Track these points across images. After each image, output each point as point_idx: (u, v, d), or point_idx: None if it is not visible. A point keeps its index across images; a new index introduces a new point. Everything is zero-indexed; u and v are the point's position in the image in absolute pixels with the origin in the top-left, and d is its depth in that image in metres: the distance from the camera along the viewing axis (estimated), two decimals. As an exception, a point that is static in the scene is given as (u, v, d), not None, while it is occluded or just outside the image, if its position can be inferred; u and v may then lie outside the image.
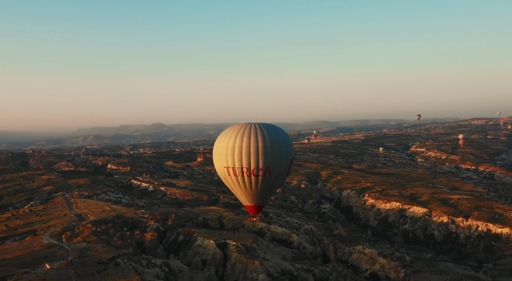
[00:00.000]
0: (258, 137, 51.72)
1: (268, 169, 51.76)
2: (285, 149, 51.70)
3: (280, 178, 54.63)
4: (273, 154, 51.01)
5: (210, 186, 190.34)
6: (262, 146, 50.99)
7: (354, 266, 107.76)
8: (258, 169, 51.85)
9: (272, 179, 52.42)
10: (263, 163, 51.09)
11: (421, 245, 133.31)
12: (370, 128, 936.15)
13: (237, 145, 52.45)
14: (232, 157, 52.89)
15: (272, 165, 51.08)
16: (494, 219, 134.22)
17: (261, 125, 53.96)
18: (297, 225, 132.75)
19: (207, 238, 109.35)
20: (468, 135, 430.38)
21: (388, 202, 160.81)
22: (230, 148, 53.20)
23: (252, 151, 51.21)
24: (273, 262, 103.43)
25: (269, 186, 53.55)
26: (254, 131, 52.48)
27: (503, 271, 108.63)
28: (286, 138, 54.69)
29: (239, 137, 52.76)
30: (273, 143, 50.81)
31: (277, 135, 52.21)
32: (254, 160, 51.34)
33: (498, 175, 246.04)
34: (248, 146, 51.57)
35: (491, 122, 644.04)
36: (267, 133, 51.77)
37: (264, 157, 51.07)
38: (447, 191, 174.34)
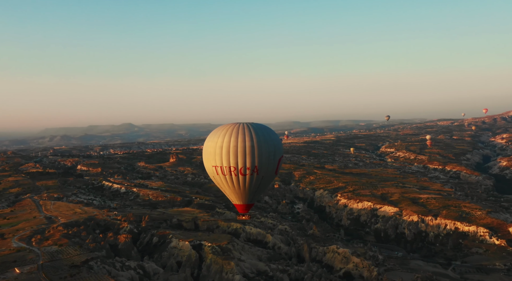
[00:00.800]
0: (245, 136, 52.42)
1: (256, 168, 52.46)
2: (273, 148, 52.40)
3: (268, 177, 55.28)
4: (260, 153, 51.84)
5: (184, 187, 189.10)
6: (250, 146, 51.61)
7: (328, 266, 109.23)
8: (246, 168, 52.35)
9: (259, 178, 53.20)
10: (250, 162, 51.95)
11: (392, 244, 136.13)
12: (340, 128, 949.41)
13: (225, 144, 52.85)
14: (220, 156, 53.38)
15: (260, 164, 51.82)
16: (461, 217, 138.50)
17: (249, 124, 54.76)
18: (271, 225, 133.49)
19: (182, 240, 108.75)
20: (435, 135, 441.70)
21: (360, 202, 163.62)
22: (218, 148, 53.65)
23: (239, 150, 51.96)
24: (248, 262, 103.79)
25: (257, 185, 54.24)
26: (242, 130, 53.42)
27: (471, 268, 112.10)
28: (274, 137, 55.44)
29: (227, 136, 53.32)
30: (260, 143, 51.62)
31: (264, 135, 52.92)
32: (241, 159, 51.97)
33: (464, 174, 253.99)
34: (236, 146, 52.12)
35: (456, 123, 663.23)
36: (255, 132, 52.50)
37: (251, 156, 51.79)
38: (417, 191, 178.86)
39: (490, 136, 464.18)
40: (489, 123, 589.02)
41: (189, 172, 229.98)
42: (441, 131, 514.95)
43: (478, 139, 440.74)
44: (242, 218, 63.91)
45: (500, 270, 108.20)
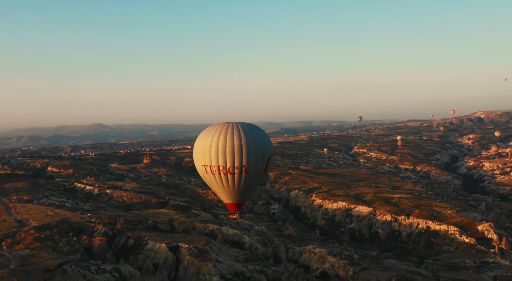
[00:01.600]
0: (234, 136, 53.31)
1: (244, 167, 53.39)
2: (262, 147, 53.11)
3: (257, 177, 55.91)
4: (248, 152, 52.69)
5: (158, 188, 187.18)
6: (238, 145, 52.53)
7: (305, 266, 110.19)
8: (234, 167, 53.28)
9: (248, 177, 53.94)
10: (238, 162, 52.83)
11: (366, 243, 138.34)
12: (313, 129, 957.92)
13: (214, 144, 53.82)
14: (209, 156, 54.33)
15: (248, 163, 52.67)
16: (432, 216, 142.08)
17: (239, 124, 55.50)
18: (248, 226, 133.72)
19: (159, 242, 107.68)
20: (405, 136, 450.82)
21: (334, 202, 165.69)
22: (207, 147, 54.58)
23: (227, 150, 52.88)
24: (226, 264, 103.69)
25: (246, 184, 54.91)
26: (231, 130, 54.26)
27: (442, 266, 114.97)
28: (263, 137, 56.06)
29: (216, 136, 54.28)
30: (248, 142, 52.51)
31: (253, 134, 53.59)
32: (229, 159, 52.89)
33: (433, 174, 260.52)
34: (224, 145, 53.08)
35: (425, 123, 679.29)
36: (244, 132, 53.30)
37: (239, 155, 52.68)
38: (389, 191, 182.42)
39: (458, 137, 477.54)
40: (456, 124, 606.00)
41: (164, 173, 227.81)
42: (411, 132, 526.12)
43: (446, 140, 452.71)
44: (232, 217, 64.80)
45: (470, 267, 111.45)
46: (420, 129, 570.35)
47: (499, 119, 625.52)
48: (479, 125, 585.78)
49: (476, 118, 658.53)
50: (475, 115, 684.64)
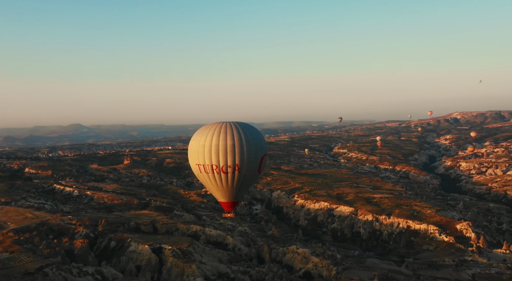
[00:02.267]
0: (227, 135, 53.97)
1: (237, 166, 54.07)
2: (255, 146, 53.81)
3: (251, 176, 56.66)
4: (241, 151, 53.39)
5: (140, 189, 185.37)
6: (231, 144, 53.27)
7: (288, 266, 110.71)
8: (227, 166, 53.97)
9: (241, 176, 54.71)
10: (231, 161, 53.56)
11: (348, 243, 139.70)
12: (293, 129, 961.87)
13: (207, 143, 54.54)
14: (203, 155, 55.00)
15: (240, 162, 53.49)
16: (413, 216, 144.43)
17: (232, 123, 56.44)
18: (231, 227, 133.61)
19: (141, 243, 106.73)
20: (384, 136, 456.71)
21: (316, 202, 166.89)
22: (201, 146, 55.23)
23: (220, 149, 53.59)
24: (209, 265, 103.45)
25: (239, 183, 55.70)
26: (224, 129, 54.90)
27: (422, 265, 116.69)
28: (257, 136, 56.79)
29: (209, 135, 54.98)
30: (240, 141, 53.43)
31: (246, 133, 54.27)
32: (222, 158, 53.62)
33: (412, 174, 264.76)
34: (217, 144, 53.80)
35: (403, 124, 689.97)
36: (236, 131, 54.14)
37: (232, 154, 53.40)
38: (370, 191, 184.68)
39: (435, 137, 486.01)
40: (434, 125, 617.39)
41: (145, 174, 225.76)
42: (389, 132, 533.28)
43: (424, 140, 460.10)
44: (227, 216, 65.38)
45: (450, 265, 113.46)
46: (398, 130, 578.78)
47: (474, 120, 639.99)
48: (456, 125, 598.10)
49: (452, 118, 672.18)
50: (451, 116, 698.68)
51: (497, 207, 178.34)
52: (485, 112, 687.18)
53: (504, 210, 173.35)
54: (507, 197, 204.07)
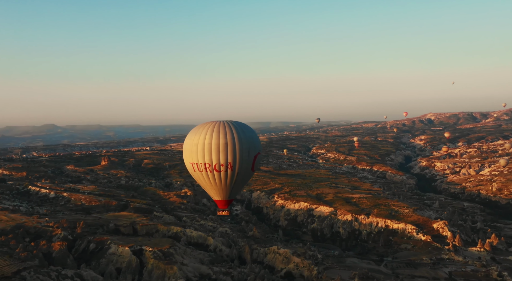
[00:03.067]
0: (220, 134, 54.93)
1: (229, 165, 54.94)
2: (247, 145, 54.82)
3: (244, 174, 57.71)
4: (233, 150, 54.32)
5: (118, 190, 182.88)
6: (224, 143, 54.26)
7: (270, 266, 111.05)
8: (219, 164, 54.88)
9: (234, 174, 55.94)
10: (224, 159, 54.48)
11: (328, 243, 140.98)
12: (271, 130, 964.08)
13: (200, 142, 55.66)
14: (196, 153, 56.21)
15: (233, 161, 54.72)
16: (391, 215, 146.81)
17: (226, 122, 58.10)
18: (211, 228, 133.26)
19: (121, 245, 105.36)
20: (361, 137, 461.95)
21: (296, 202, 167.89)
22: (194, 145, 56.44)
23: (213, 148, 54.67)
24: (191, 266, 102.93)
25: (232, 181, 57.01)
26: (217, 128, 55.81)
27: (401, 263, 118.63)
28: (250, 135, 57.65)
29: (202, 134, 56.02)
30: (233, 140, 54.28)
31: (239, 132, 55.30)
32: (215, 156, 54.66)
33: (389, 174, 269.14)
34: (210, 143, 54.90)
35: (379, 125, 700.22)
36: (229, 130, 55.53)
37: (225, 153, 54.38)
38: (349, 191, 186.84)
39: (410, 138, 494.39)
40: (409, 126, 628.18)
41: (123, 175, 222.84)
42: (366, 133, 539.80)
43: (399, 141, 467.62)
44: (222, 214, 66.70)
45: (427, 264, 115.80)
46: (375, 130, 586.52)
47: (447, 121, 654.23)
48: (430, 126, 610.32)
49: (426, 119, 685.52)
50: (425, 116, 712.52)
51: (471, 206, 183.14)
52: (458, 113, 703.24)
53: (478, 209, 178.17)
54: (480, 196, 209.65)
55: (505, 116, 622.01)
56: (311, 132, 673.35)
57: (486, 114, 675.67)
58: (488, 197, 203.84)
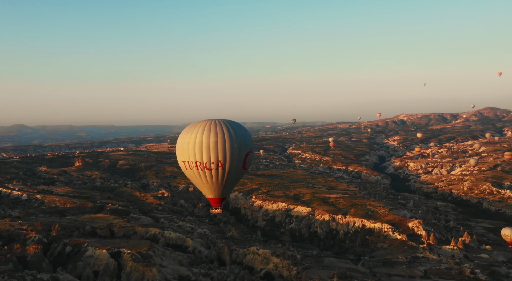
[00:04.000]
0: (210, 132, 55.86)
1: (220, 163, 55.90)
2: (238, 144, 55.97)
3: (235, 172, 58.82)
4: (223, 149, 55.32)
5: (93, 192, 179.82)
6: (214, 142, 55.25)
7: (249, 267, 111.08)
8: (210, 163, 55.88)
9: (224, 172, 57.10)
10: (214, 158, 55.48)
11: (306, 243, 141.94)
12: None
13: (191, 141, 56.60)
14: (187, 152, 57.21)
15: (223, 159, 55.52)
16: (367, 215, 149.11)
17: (217, 121, 58.00)
18: (190, 229, 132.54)
19: (99, 248, 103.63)
20: (336, 137, 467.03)
21: (274, 203, 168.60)
22: (185, 143, 57.39)
23: (204, 146, 55.62)
24: (170, 268, 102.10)
25: (223, 179, 58.16)
26: (208, 127, 56.74)
27: (377, 262, 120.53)
28: (241, 133, 58.66)
29: (193, 133, 57.02)
30: (223, 139, 55.18)
31: (229, 131, 56.49)
32: (206, 155, 55.58)
33: (364, 174, 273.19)
34: (201, 142, 55.82)
35: (353, 125, 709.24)
36: (220, 129, 56.69)
37: (215, 151, 55.42)
38: (326, 191, 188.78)
39: (384, 138, 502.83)
40: (382, 126, 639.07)
41: (97, 176, 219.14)
42: (341, 134, 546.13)
43: (373, 141, 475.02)
44: (214, 212, 68.15)
45: (403, 262, 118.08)
46: (349, 131, 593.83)
47: (419, 122, 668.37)
48: (402, 127, 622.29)
49: (399, 120, 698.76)
50: (398, 117, 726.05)
51: (444, 205, 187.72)
52: (429, 114, 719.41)
53: (450, 208, 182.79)
54: (452, 195, 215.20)
55: (473, 117, 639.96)
56: (287, 132, 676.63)
57: (456, 115, 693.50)
58: (460, 196, 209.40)
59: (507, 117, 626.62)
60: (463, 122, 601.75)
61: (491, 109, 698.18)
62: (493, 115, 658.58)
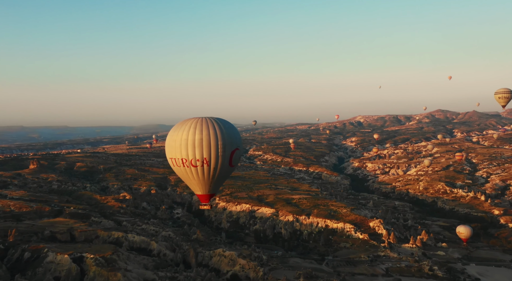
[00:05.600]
0: (196, 130, 56.97)
1: (205, 160, 56.92)
2: (223, 141, 56.95)
3: (221, 169, 60.55)
4: (208, 146, 56.49)
5: (51, 195, 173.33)
6: (199, 139, 56.48)
7: (215, 269, 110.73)
8: (195, 160, 56.93)
9: (210, 169, 57.61)
10: (199, 155, 56.60)
11: (271, 244, 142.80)
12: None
13: (177, 138, 57.84)
14: (174, 149, 58.54)
15: (208, 156, 56.53)
16: (330, 215, 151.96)
17: (206, 119, 58.78)
18: (154, 232, 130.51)
19: (60, 253, 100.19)
20: (296, 139, 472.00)
21: (238, 204, 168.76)
22: (172, 141, 58.62)
23: (189, 143, 56.86)
24: (135, 272, 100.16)
25: (209, 176, 58.77)
26: (194, 125, 57.85)
27: (341, 262, 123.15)
28: (228, 131, 60.32)
29: (180, 130, 58.15)
30: (208, 136, 56.31)
31: (215, 128, 57.57)
32: (191, 152, 56.82)
33: (325, 175, 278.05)
34: (186, 139, 57.02)
35: (312, 127, 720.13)
36: (205, 126, 57.13)
37: (200, 149, 56.55)
38: (289, 192, 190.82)
39: (342, 139, 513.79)
40: (340, 128, 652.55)
41: (54, 179, 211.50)
42: (301, 135, 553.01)
43: (332, 142, 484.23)
44: (203, 208, 66.70)
45: (365, 261, 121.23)
46: (308, 132, 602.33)
47: (375, 123, 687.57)
48: (359, 128, 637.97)
49: (356, 122, 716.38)
50: (355, 119, 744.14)
51: (402, 204, 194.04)
52: (385, 116, 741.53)
53: (408, 208, 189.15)
54: (408, 195, 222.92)
55: (426, 119, 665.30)
56: (247, 134, 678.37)
57: (409, 117, 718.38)
58: (416, 196, 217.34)
59: (456, 119, 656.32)
60: (416, 123, 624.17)
61: (442, 112, 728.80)
62: (443, 117, 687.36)
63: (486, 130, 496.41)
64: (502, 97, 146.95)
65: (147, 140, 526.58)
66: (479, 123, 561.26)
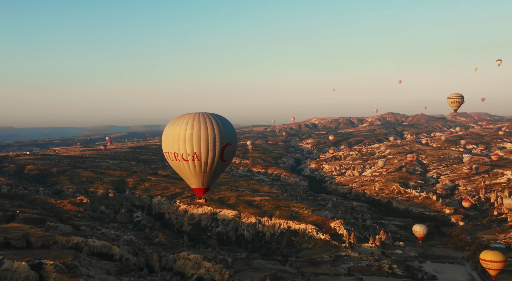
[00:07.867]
0: (187, 125, 58.37)
1: (195, 154, 58.32)
2: (213, 136, 57.98)
3: (212, 164, 60.48)
4: (197, 140, 57.95)
5: (1, 200, 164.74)
6: (190, 134, 57.91)
7: (180, 273, 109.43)
8: (186, 154, 58.48)
9: (201, 164, 58.99)
10: (190, 149, 58.10)
11: (234, 246, 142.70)
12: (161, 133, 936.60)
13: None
14: (167, 143, 60.30)
15: (198, 151, 57.95)
16: (292, 216, 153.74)
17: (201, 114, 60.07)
18: (115, 236, 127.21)
19: (17, 260, 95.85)
20: (253, 140, 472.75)
21: (200, 206, 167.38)
22: (167, 135, 60.35)
23: (180, 138, 58.46)
24: (98, 278, 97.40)
25: (201, 170, 60.12)
26: (186, 120, 59.17)
27: (304, 262, 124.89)
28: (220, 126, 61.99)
29: (174, 125, 59.82)
30: (199, 131, 57.80)
31: (207, 124, 58.61)
32: (182, 146, 58.37)
33: (283, 176, 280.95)
34: (178, 134, 58.63)
35: (269, 129, 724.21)
36: (197, 121, 58.50)
37: (190, 143, 58.04)
38: (250, 194, 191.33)
39: (298, 141, 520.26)
40: (296, 130, 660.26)
41: (3, 182, 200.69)
42: (257, 137, 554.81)
43: (289, 144, 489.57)
44: (198, 201, 68.01)
45: (327, 261, 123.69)
46: (265, 134, 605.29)
47: (330, 125, 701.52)
48: (314, 130, 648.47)
49: (311, 124, 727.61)
50: (310, 121, 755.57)
51: (360, 205, 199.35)
52: (338, 118, 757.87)
53: (365, 208, 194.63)
54: (365, 195, 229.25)
55: (377, 121, 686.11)
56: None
57: (362, 119, 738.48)
58: (372, 196, 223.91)
59: (406, 122, 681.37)
60: (369, 126, 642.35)
61: (392, 114, 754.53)
62: (394, 120, 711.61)
63: (433, 132, 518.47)
64: (454, 101, 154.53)
65: (100, 142, 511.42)
66: (427, 126, 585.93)
